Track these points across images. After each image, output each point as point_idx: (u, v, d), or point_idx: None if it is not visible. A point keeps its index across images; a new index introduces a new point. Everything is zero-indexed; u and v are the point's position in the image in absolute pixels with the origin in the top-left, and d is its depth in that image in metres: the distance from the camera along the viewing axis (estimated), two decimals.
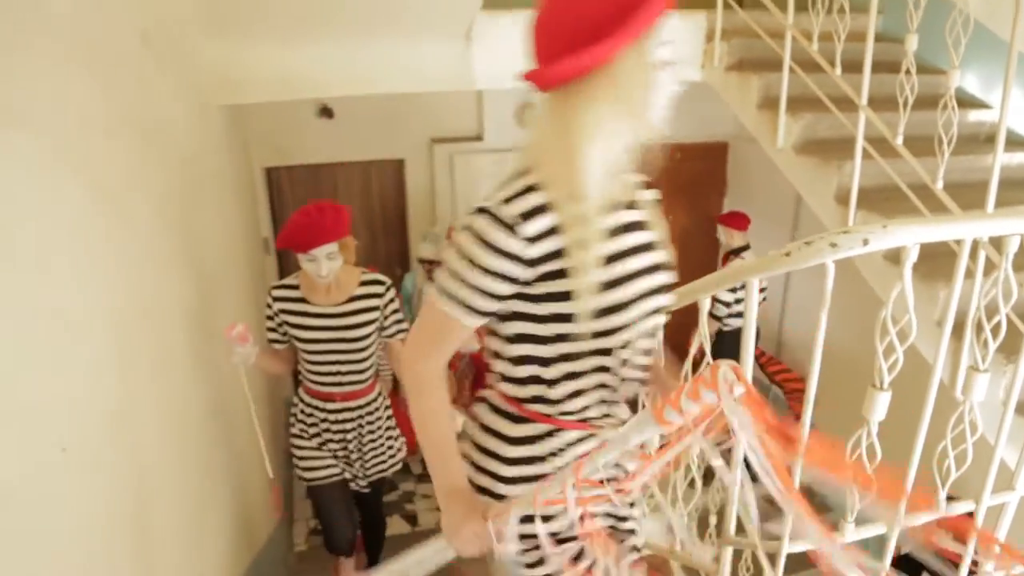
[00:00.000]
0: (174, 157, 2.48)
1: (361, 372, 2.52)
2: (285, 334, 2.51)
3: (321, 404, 2.55)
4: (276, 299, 2.47)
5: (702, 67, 3.65)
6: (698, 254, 6.29)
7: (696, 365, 1.67)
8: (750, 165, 6.00)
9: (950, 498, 1.57)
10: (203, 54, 3.05)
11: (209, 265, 2.82)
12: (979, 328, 1.45)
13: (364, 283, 2.49)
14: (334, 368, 2.49)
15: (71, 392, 1.39)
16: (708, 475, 1.97)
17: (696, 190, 6.20)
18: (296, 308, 2.45)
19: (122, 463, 1.62)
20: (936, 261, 2.18)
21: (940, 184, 2.37)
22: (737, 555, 2.11)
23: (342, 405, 2.55)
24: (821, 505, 5.09)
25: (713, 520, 3.61)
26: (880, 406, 1.36)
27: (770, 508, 1.12)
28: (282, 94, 3.40)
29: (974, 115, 3.22)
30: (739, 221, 4.43)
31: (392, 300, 2.54)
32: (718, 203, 6.36)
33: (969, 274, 1.51)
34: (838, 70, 2.72)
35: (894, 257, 2.49)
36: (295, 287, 2.47)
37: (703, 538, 3.51)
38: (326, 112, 4.98)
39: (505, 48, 3.42)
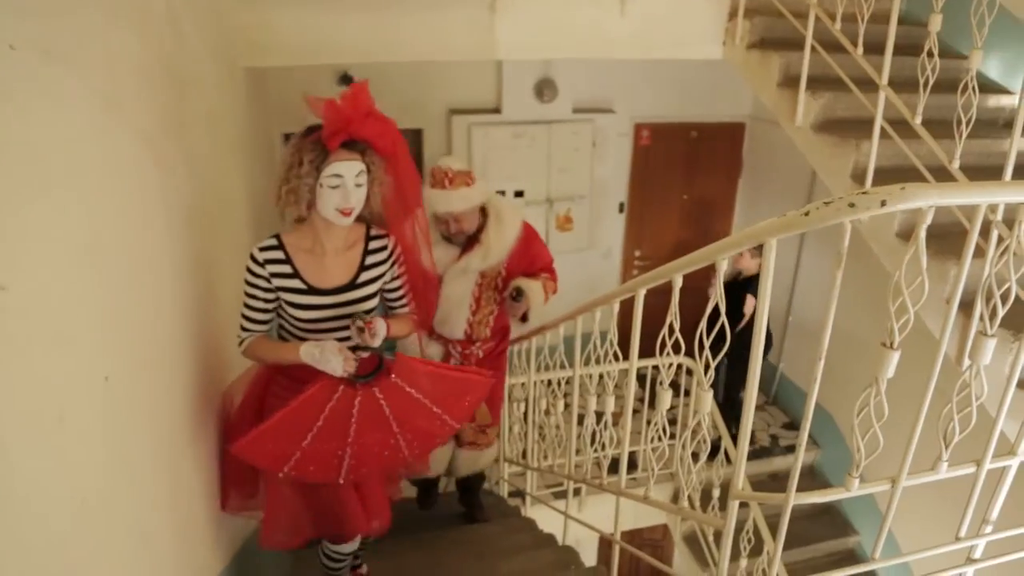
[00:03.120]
0: (203, 113, 2.53)
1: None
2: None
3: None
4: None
5: (723, 44, 3.66)
6: (713, 235, 6.33)
7: (711, 323, 1.73)
8: (766, 146, 6.02)
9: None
10: (232, 16, 3.09)
11: (233, 226, 2.88)
12: (988, 297, 1.50)
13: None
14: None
15: (120, 331, 1.46)
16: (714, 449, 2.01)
17: (712, 169, 6.23)
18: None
19: (152, 406, 1.69)
20: (947, 240, 2.23)
21: (957, 164, 2.40)
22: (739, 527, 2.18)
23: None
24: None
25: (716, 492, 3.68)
26: (890, 364, 1.41)
27: None
28: (306, 59, 3.44)
29: (994, 100, 3.23)
30: None
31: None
32: (733, 183, 6.39)
33: (979, 253, 1.56)
34: (860, 50, 2.75)
35: (906, 234, 2.55)
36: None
37: (706, 509, 3.60)
38: (346, 79, 5.01)
39: (528, 19, 3.45)
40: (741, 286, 4.60)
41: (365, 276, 2.05)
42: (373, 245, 2.08)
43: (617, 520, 2.61)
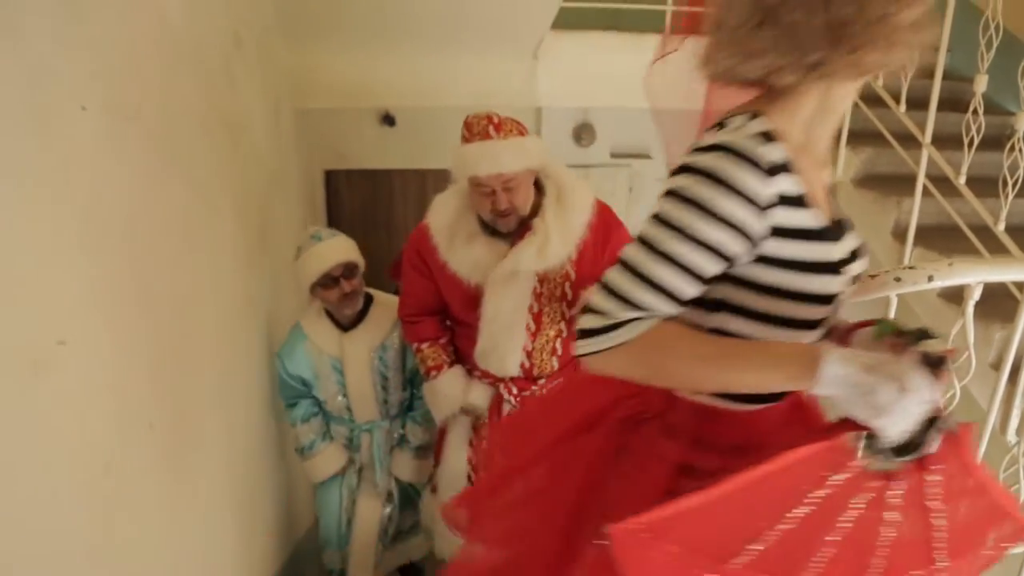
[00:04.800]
0: (251, 155, 2.60)
1: None
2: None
3: None
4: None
5: None
6: None
7: None
8: None
9: None
10: (282, 59, 3.20)
11: (277, 263, 2.94)
12: None
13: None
14: None
15: (166, 377, 1.49)
16: None
17: None
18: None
19: (212, 437, 1.72)
20: (993, 302, 2.19)
21: (1002, 226, 2.37)
22: None
23: None
24: None
25: None
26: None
27: None
28: (352, 101, 3.55)
29: None
30: None
31: None
32: None
33: None
34: (903, 107, 2.74)
35: (951, 296, 2.50)
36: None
37: None
38: (388, 119, 5.11)
39: (568, 67, 3.51)
40: None
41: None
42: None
43: None
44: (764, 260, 0.95)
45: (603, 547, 0.91)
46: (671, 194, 0.95)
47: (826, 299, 0.99)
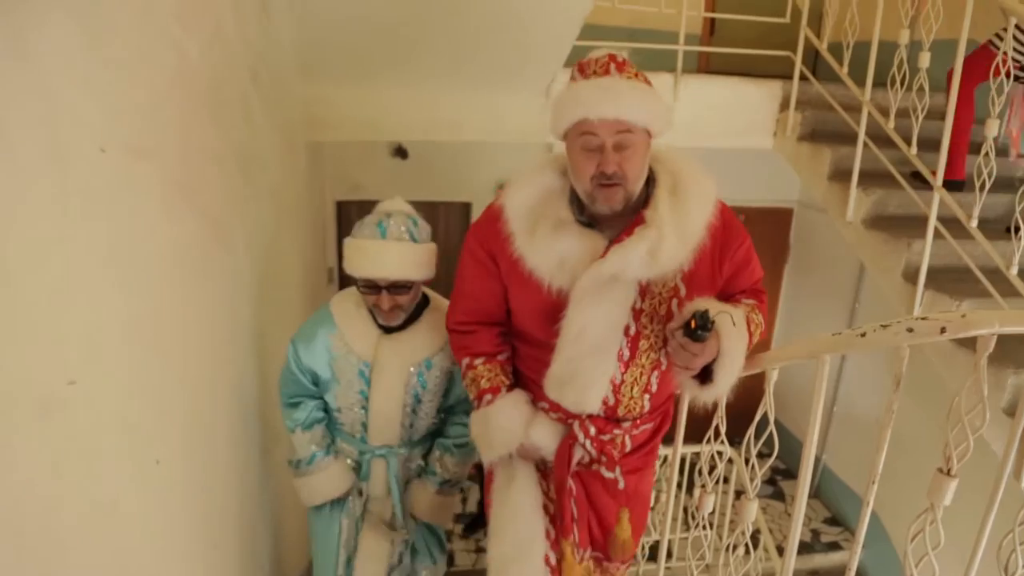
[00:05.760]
0: (265, 188, 2.63)
1: None
2: None
3: None
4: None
5: (774, 135, 3.70)
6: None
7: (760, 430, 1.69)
8: (814, 233, 5.97)
9: None
10: (297, 93, 3.24)
11: (286, 293, 2.95)
12: None
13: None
14: None
15: (174, 414, 1.49)
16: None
17: (759, 253, 6.17)
18: None
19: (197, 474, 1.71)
20: (1006, 347, 2.18)
21: (1015, 270, 2.36)
22: None
23: None
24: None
25: None
26: (947, 492, 1.36)
27: None
28: (365, 134, 3.58)
29: None
30: None
31: None
32: (779, 268, 6.34)
33: None
34: (914, 149, 2.75)
35: (961, 340, 2.48)
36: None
37: None
38: (400, 152, 5.18)
39: None
40: None
41: None
42: None
43: None
44: None
45: None
46: None
47: None
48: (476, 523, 4.35)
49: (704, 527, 2.03)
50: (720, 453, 1.87)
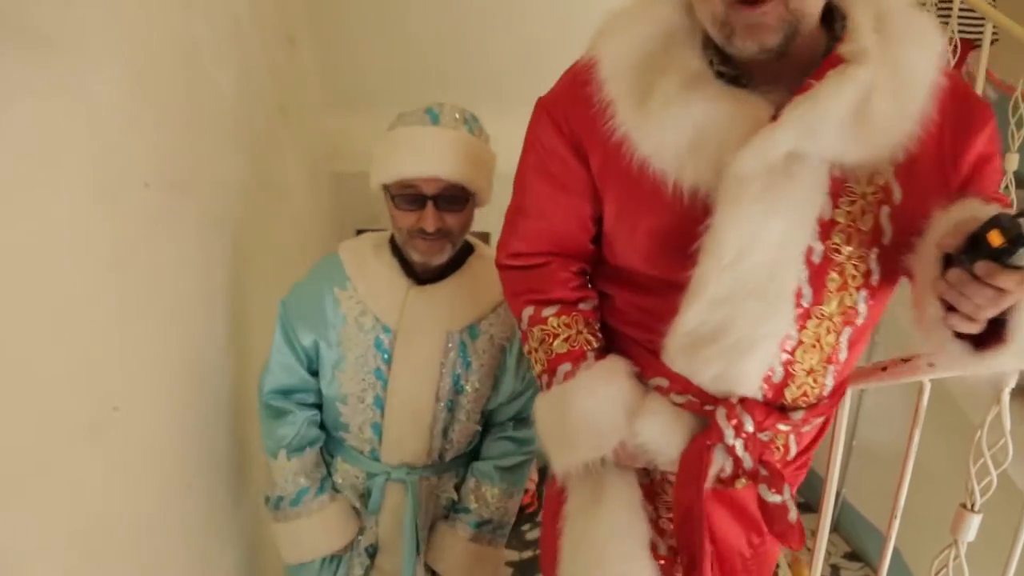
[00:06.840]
0: (290, 218, 2.69)
1: None
2: None
3: None
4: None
5: None
6: None
7: None
8: None
9: None
10: (321, 125, 3.31)
11: None
12: None
13: None
14: None
15: (189, 431, 1.53)
16: None
17: None
18: None
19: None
20: None
21: None
22: None
23: None
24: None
25: None
26: (971, 528, 1.36)
27: None
28: None
29: None
30: None
31: None
32: None
33: None
34: None
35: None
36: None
37: None
38: None
39: None
40: None
41: None
42: None
43: None
44: None
45: None
46: None
47: None
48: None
49: None
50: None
